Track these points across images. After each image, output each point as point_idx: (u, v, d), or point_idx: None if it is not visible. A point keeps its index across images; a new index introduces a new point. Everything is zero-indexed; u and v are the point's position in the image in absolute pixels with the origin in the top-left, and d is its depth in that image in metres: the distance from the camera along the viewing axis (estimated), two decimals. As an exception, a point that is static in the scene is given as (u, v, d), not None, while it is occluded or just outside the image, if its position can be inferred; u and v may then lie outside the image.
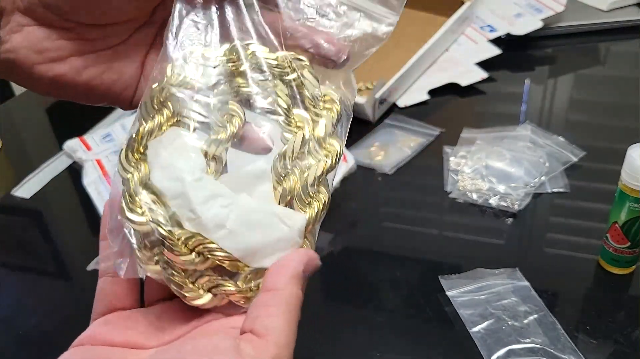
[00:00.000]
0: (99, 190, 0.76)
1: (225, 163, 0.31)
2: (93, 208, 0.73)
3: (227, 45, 0.31)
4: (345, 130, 0.32)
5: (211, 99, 0.30)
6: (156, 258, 0.29)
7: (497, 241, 0.66)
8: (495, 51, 0.96)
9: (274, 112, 0.31)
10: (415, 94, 0.91)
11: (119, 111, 0.95)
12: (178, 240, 0.28)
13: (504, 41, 1.00)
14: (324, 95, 0.31)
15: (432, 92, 0.91)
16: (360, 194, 0.75)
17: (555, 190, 0.71)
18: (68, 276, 0.68)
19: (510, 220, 0.68)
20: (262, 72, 0.31)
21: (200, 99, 0.30)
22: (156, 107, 0.30)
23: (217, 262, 0.28)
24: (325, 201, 0.30)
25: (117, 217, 0.29)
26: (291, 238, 0.28)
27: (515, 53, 1.00)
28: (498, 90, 0.92)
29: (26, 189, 0.80)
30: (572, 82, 0.97)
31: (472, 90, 0.92)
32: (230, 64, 0.30)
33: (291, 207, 0.30)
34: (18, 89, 1.28)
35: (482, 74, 0.93)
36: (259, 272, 0.29)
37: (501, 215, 0.69)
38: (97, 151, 0.82)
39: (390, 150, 0.80)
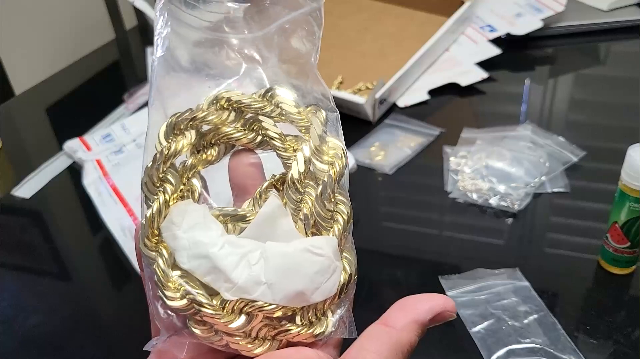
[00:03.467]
0: (99, 190, 0.76)
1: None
2: (93, 208, 0.73)
3: (207, 97, 0.31)
4: (337, 126, 0.31)
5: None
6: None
7: (497, 241, 0.66)
8: (495, 51, 0.96)
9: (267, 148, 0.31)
10: (415, 94, 0.91)
11: (119, 111, 0.95)
12: (223, 309, 0.27)
13: (504, 41, 1.01)
14: (306, 108, 0.31)
15: (432, 92, 0.91)
16: (360, 194, 0.75)
17: (555, 190, 0.71)
18: (68, 276, 0.68)
19: (510, 220, 0.68)
20: (241, 113, 0.31)
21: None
22: (157, 185, 0.29)
23: (268, 316, 0.28)
24: (348, 212, 0.29)
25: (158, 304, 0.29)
26: (329, 265, 0.28)
27: (515, 53, 1.00)
28: (498, 90, 0.92)
29: (26, 189, 0.80)
30: (572, 82, 0.97)
31: (472, 90, 0.92)
32: (213, 117, 0.30)
33: (318, 229, 0.29)
34: (18, 89, 1.28)
35: (482, 74, 0.93)
36: (312, 305, 0.28)
37: (501, 215, 0.69)
38: (97, 151, 0.82)
39: (390, 150, 0.80)
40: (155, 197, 0.29)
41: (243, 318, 0.27)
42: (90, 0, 1.36)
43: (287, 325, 0.28)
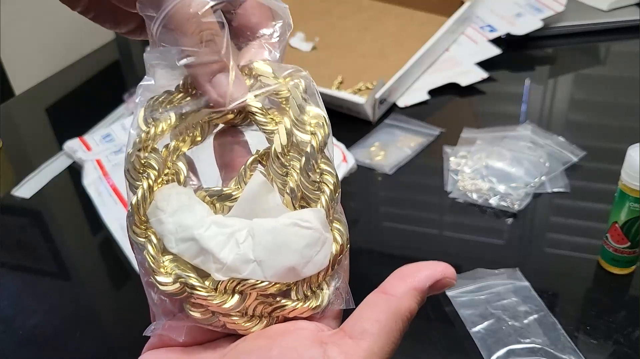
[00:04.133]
0: (99, 190, 0.76)
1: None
2: (93, 208, 0.73)
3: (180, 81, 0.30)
4: (316, 96, 0.30)
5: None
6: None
7: (497, 241, 0.66)
8: (495, 51, 0.96)
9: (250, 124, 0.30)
10: (415, 94, 0.91)
11: (118, 111, 0.95)
12: (216, 290, 0.27)
13: (504, 41, 1.01)
14: (285, 79, 0.30)
15: (432, 92, 0.91)
16: (360, 194, 0.75)
17: (555, 190, 0.71)
18: (68, 276, 0.68)
19: (510, 220, 0.68)
20: None
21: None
22: (140, 171, 0.29)
23: (262, 293, 0.28)
24: (334, 181, 0.29)
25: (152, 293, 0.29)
26: (318, 237, 0.27)
27: (515, 53, 1.00)
28: (498, 90, 0.92)
29: (26, 189, 0.80)
30: (572, 82, 0.97)
31: (472, 90, 0.92)
32: (189, 99, 0.30)
33: (306, 202, 0.29)
34: (18, 89, 1.28)
35: (482, 74, 0.93)
36: (306, 278, 0.28)
37: (501, 215, 0.69)
38: (97, 151, 0.82)
39: (390, 150, 0.80)
40: (139, 183, 0.28)
41: (236, 297, 0.27)
42: (90, 0, 1.36)
43: (283, 301, 0.28)
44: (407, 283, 0.27)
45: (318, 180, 0.29)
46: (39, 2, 1.31)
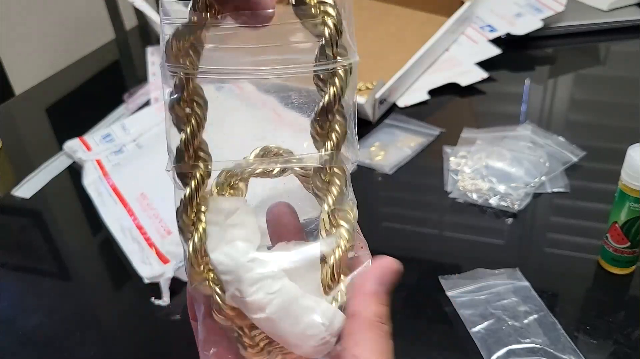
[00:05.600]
0: (99, 190, 0.76)
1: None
2: (93, 208, 0.73)
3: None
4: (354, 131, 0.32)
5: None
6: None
7: (497, 241, 0.66)
8: (495, 51, 0.96)
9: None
10: (415, 94, 0.91)
11: (119, 111, 0.95)
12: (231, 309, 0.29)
13: (504, 41, 1.01)
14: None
15: (432, 92, 0.91)
16: (360, 194, 0.75)
17: (555, 190, 0.71)
18: (68, 276, 0.68)
19: (510, 220, 0.68)
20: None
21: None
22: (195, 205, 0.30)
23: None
24: (349, 230, 0.31)
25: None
26: (325, 338, 0.28)
27: (515, 53, 1.00)
28: (498, 90, 0.92)
29: (26, 189, 0.80)
30: (572, 82, 0.97)
31: (472, 90, 0.92)
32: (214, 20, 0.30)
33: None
34: (18, 89, 1.28)
35: (482, 74, 0.93)
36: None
37: (501, 215, 0.69)
38: (97, 151, 0.82)
39: (390, 150, 0.80)
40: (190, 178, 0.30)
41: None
42: (90, 0, 1.36)
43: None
44: (364, 296, 0.28)
45: (336, 222, 0.32)
46: (39, 2, 1.31)
